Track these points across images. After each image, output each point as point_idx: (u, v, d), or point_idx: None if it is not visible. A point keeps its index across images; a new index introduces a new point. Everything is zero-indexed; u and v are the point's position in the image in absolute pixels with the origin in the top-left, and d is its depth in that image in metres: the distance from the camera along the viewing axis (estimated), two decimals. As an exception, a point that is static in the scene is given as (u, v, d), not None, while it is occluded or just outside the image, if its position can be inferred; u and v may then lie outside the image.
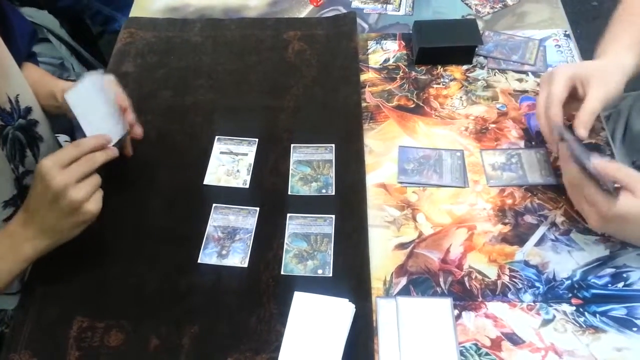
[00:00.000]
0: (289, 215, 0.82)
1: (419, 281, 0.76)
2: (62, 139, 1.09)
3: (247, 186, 0.86)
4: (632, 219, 0.68)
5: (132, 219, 0.84)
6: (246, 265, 0.78)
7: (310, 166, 0.88)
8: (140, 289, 0.77)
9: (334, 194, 0.84)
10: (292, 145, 0.91)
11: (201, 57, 1.06)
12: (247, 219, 0.82)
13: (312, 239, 0.80)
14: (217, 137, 0.93)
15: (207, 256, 0.79)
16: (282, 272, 0.77)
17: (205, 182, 0.87)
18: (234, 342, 0.71)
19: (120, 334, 0.72)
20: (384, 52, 1.06)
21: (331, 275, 0.76)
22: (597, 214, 0.70)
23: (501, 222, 0.82)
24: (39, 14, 1.37)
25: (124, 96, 0.84)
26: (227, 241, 0.80)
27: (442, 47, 1.01)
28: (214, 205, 0.84)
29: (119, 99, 0.82)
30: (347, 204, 0.83)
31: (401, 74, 1.02)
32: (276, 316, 0.73)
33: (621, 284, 0.75)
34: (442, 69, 1.02)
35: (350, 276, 0.76)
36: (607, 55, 0.79)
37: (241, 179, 0.87)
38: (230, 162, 0.89)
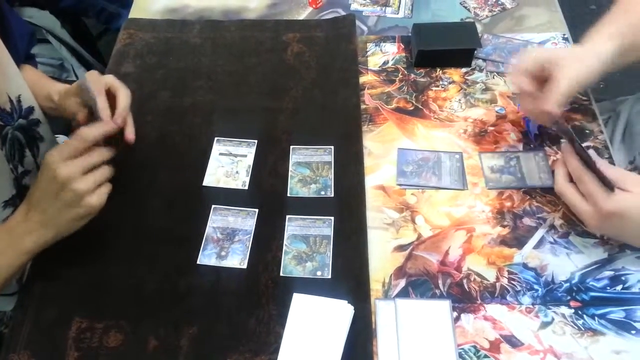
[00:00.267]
0: (288, 216, 0.82)
1: (418, 283, 0.76)
2: (61, 139, 1.09)
3: (246, 187, 0.87)
4: (628, 215, 0.69)
5: (131, 220, 0.84)
6: (245, 266, 0.78)
7: (309, 168, 0.88)
8: (139, 289, 0.77)
9: (333, 195, 0.85)
10: (291, 146, 0.91)
11: (200, 58, 1.06)
12: (246, 221, 0.82)
13: (311, 241, 0.80)
14: (216, 138, 0.93)
15: (206, 257, 0.79)
16: (281, 274, 0.77)
17: (204, 184, 0.87)
18: (233, 344, 0.71)
19: (119, 335, 0.72)
20: (383, 55, 1.06)
21: (330, 277, 0.76)
22: (594, 211, 0.70)
23: (500, 224, 0.82)
24: (40, 14, 1.37)
25: (125, 105, 0.81)
26: (226, 242, 0.80)
27: (441, 49, 1.01)
28: (213, 206, 0.84)
29: (120, 108, 0.80)
30: (346, 206, 0.83)
31: (400, 76, 1.02)
32: (275, 317, 0.73)
33: (620, 287, 0.75)
34: (441, 72, 1.02)
35: (349, 278, 0.76)
36: (587, 42, 0.82)
37: (240, 180, 0.87)
38: (229, 164, 0.90)
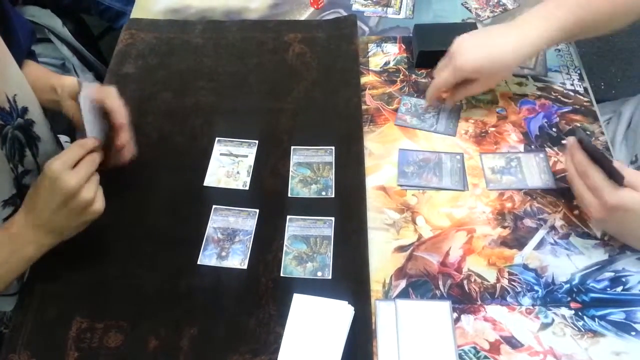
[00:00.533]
0: (288, 217, 0.82)
1: (418, 284, 0.76)
2: (63, 139, 1.08)
3: (247, 188, 0.87)
4: (632, 211, 0.69)
5: (132, 220, 0.84)
6: (246, 267, 0.78)
7: (310, 168, 0.88)
8: (139, 290, 0.77)
9: (333, 196, 0.85)
10: (292, 147, 0.91)
11: (202, 58, 1.06)
12: (246, 221, 0.82)
13: (312, 241, 0.80)
14: (217, 138, 0.93)
15: (207, 258, 0.79)
16: (282, 274, 0.77)
17: (205, 184, 0.87)
18: (233, 344, 0.71)
19: (119, 335, 0.72)
20: (384, 55, 1.06)
21: (330, 277, 0.76)
22: (600, 203, 0.70)
23: (500, 225, 0.82)
24: (42, 12, 1.36)
25: (121, 112, 0.80)
26: (226, 243, 0.80)
27: (443, 50, 1.00)
28: (214, 206, 0.84)
29: (116, 115, 0.80)
30: (347, 207, 0.83)
31: (401, 76, 1.02)
32: (275, 318, 0.73)
33: (620, 288, 0.75)
34: (442, 72, 1.02)
35: (349, 278, 0.76)
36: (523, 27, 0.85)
37: (241, 180, 0.88)
38: (230, 164, 0.90)
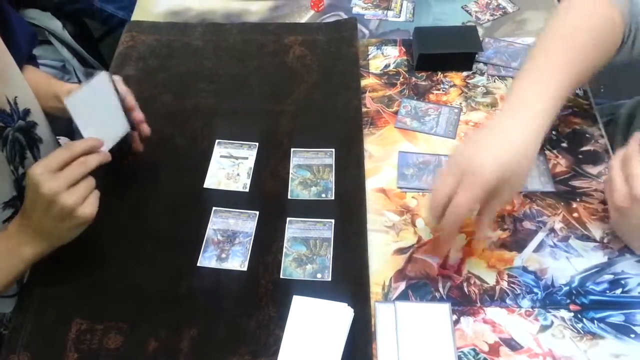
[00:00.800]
0: (288, 219, 0.82)
1: (418, 286, 0.76)
2: (63, 141, 1.09)
3: (247, 190, 0.87)
4: None
5: (132, 222, 0.84)
6: (245, 268, 0.78)
7: (310, 170, 0.88)
8: (139, 291, 0.77)
9: (333, 198, 0.85)
10: (292, 149, 0.91)
11: (202, 61, 1.06)
12: (246, 223, 0.82)
13: (312, 243, 0.80)
14: (217, 140, 0.93)
15: (207, 259, 0.79)
16: (281, 276, 0.77)
17: (205, 186, 0.87)
18: (233, 346, 0.71)
19: (119, 337, 0.72)
20: (384, 58, 1.06)
21: (330, 279, 0.76)
22: (627, 192, 0.69)
23: (500, 228, 0.82)
24: (42, 15, 1.37)
25: (131, 96, 0.84)
26: (226, 244, 0.80)
27: (443, 53, 1.01)
28: (214, 208, 0.84)
29: (128, 98, 0.82)
30: (347, 209, 0.83)
31: (401, 79, 1.02)
32: (275, 320, 0.73)
33: (619, 291, 0.75)
34: (442, 75, 1.02)
35: (349, 280, 0.76)
36: (522, 117, 0.71)
37: (241, 182, 0.88)
38: (230, 166, 0.90)
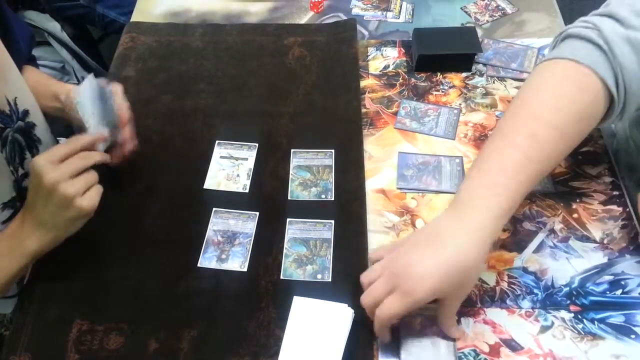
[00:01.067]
0: (288, 220, 0.82)
1: (418, 287, 0.76)
2: (63, 142, 1.09)
3: (247, 191, 0.87)
4: None
5: (132, 223, 0.84)
6: (245, 269, 0.78)
7: (309, 171, 0.88)
8: (139, 292, 0.77)
9: (333, 199, 0.85)
10: (292, 150, 0.91)
11: (202, 62, 1.06)
12: (246, 224, 0.82)
13: (312, 244, 0.80)
14: (217, 141, 0.93)
15: (207, 260, 0.79)
16: (282, 277, 0.77)
17: (205, 187, 0.87)
18: (233, 346, 0.71)
19: (119, 337, 0.72)
20: (383, 59, 1.06)
21: (330, 280, 0.76)
22: None
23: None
24: (40, 17, 1.37)
25: (125, 112, 0.83)
26: (226, 245, 0.80)
27: (442, 54, 1.01)
28: (214, 209, 0.84)
29: (121, 113, 0.82)
30: (347, 209, 0.83)
31: (401, 80, 1.02)
32: (275, 321, 0.73)
33: (619, 291, 0.75)
34: (441, 76, 1.02)
35: (349, 281, 0.76)
36: (472, 223, 0.65)
37: (241, 183, 0.88)
38: (230, 167, 0.90)
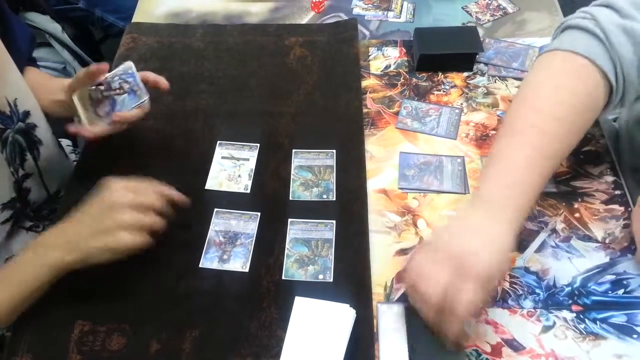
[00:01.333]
0: (290, 220, 0.82)
1: (420, 287, 0.76)
2: (65, 143, 1.09)
3: (249, 191, 0.87)
4: None
5: (133, 223, 0.84)
6: (247, 270, 0.78)
7: (311, 171, 0.88)
8: (141, 292, 0.77)
9: (334, 199, 0.85)
10: (293, 150, 0.91)
11: (203, 62, 1.06)
12: (248, 224, 0.82)
13: (313, 244, 0.80)
14: (218, 142, 0.93)
15: (209, 260, 0.79)
16: (283, 277, 0.77)
17: (206, 187, 0.87)
18: (235, 347, 0.71)
19: (121, 338, 0.72)
20: (385, 59, 1.06)
21: (332, 280, 0.76)
22: None
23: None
24: (41, 18, 1.37)
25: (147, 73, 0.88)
26: (228, 246, 0.80)
27: (443, 54, 1.01)
28: (216, 210, 0.84)
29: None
30: (348, 210, 0.83)
31: (402, 80, 1.02)
32: (277, 321, 0.73)
33: (621, 291, 0.75)
34: (442, 76, 1.02)
35: (350, 281, 0.76)
36: (492, 219, 0.66)
37: (242, 184, 0.88)
38: (231, 167, 0.90)
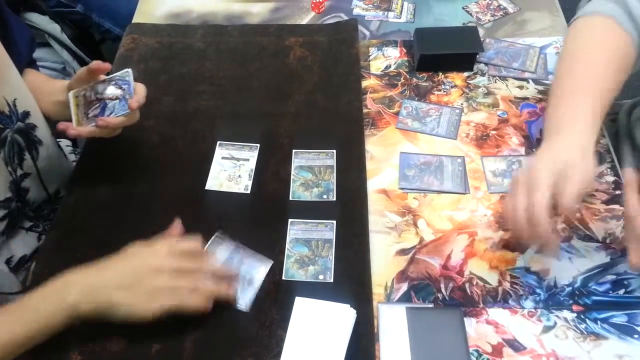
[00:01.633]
0: (290, 220, 0.82)
1: (420, 287, 0.76)
2: (64, 143, 1.09)
3: (249, 191, 0.87)
4: None
5: (134, 224, 0.84)
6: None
7: (311, 172, 0.88)
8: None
9: (335, 199, 0.85)
10: (294, 150, 0.91)
11: (204, 63, 1.06)
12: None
13: (313, 245, 0.80)
14: (218, 142, 0.93)
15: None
16: (284, 277, 0.77)
17: (207, 188, 0.87)
18: (236, 347, 0.71)
19: (122, 339, 0.72)
20: (385, 59, 1.06)
21: (332, 280, 0.76)
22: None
23: (502, 228, 0.82)
24: (40, 19, 1.37)
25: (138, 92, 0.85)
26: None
27: (443, 54, 1.01)
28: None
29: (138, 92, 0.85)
30: (348, 210, 0.83)
31: (402, 80, 1.02)
32: (277, 321, 0.73)
33: (622, 291, 0.75)
34: (443, 76, 1.02)
35: (351, 282, 0.76)
36: (567, 136, 0.74)
37: (243, 184, 0.88)
38: (231, 168, 0.90)
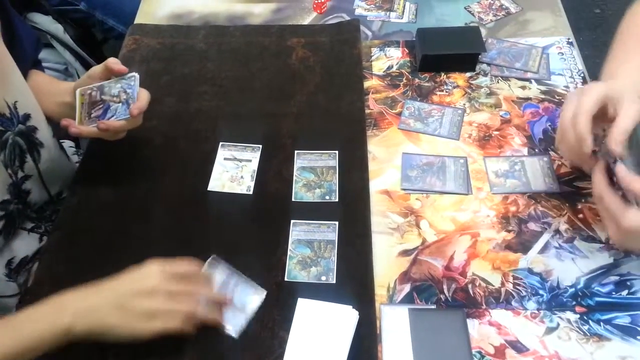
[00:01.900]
0: (292, 221, 0.82)
1: (423, 288, 0.76)
2: (67, 144, 1.09)
3: (251, 192, 0.87)
4: None
5: (135, 225, 0.84)
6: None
7: (314, 172, 0.88)
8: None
9: (337, 200, 0.84)
10: (296, 151, 0.91)
11: (205, 63, 1.06)
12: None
13: (316, 246, 0.80)
14: (221, 143, 0.93)
15: (211, 262, 0.79)
16: (286, 279, 0.77)
17: (209, 188, 0.87)
18: (238, 348, 0.71)
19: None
20: (387, 59, 1.06)
21: (334, 281, 0.76)
22: (616, 226, 0.69)
23: (505, 229, 0.81)
24: (43, 19, 1.37)
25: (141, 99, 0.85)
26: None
27: (446, 54, 1.01)
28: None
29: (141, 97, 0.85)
30: (351, 211, 0.83)
31: (404, 80, 1.02)
32: (280, 322, 0.73)
33: (625, 292, 0.75)
34: (445, 76, 1.02)
35: (353, 283, 0.76)
36: (622, 76, 0.77)
37: (245, 185, 0.88)
38: (234, 169, 0.90)
